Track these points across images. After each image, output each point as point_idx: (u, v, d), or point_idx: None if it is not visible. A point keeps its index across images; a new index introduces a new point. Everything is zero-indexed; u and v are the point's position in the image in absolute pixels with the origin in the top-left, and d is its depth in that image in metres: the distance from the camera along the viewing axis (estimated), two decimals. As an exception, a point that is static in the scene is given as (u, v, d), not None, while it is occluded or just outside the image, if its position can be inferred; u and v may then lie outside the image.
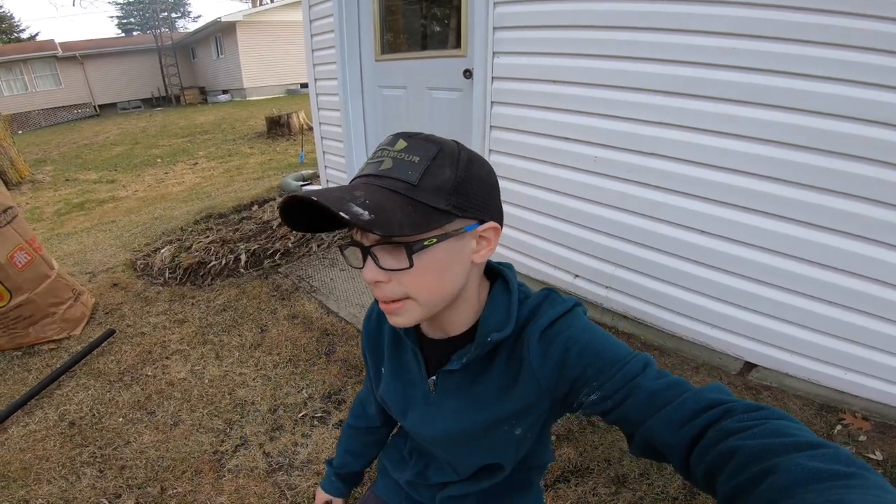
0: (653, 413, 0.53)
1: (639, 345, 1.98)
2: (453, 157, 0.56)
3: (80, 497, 1.46)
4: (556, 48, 1.94)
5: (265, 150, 7.94)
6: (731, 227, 1.67)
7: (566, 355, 0.59)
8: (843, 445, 1.40)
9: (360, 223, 0.48)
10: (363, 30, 3.04)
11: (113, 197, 5.95)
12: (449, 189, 0.55)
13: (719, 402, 0.51)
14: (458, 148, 0.58)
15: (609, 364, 0.57)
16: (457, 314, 0.65)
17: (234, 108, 14.36)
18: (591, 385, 0.57)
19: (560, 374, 0.60)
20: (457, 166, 0.56)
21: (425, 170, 0.54)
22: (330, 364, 2.00)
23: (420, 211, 0.53)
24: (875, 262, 1.44)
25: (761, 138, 1.54)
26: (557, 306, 0.63)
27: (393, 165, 0.55)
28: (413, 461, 0.86)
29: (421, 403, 0.74)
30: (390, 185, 0.54)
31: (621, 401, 0.55)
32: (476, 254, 0.60)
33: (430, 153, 0.55)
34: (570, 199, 2.07)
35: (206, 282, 2.85)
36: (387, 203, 0.52)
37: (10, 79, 18.67)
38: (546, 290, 0.66)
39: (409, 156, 0.55)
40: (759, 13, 1.45)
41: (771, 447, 0.40)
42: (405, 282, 0.56)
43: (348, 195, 0.51)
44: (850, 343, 1.54)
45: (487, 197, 0.59)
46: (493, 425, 0.68)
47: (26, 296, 2.21)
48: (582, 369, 0.58)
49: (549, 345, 0.60)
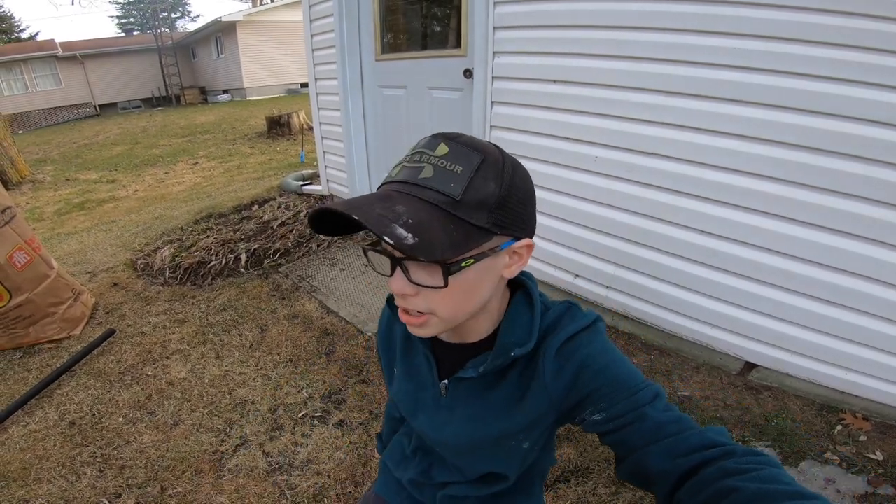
0: (653, 442, 0.54)
1: (639, 344, 1.98)
2: (497, 169, 0.53)
3: (80, 497, 1.46)
4: (557, 48, 1.94)
5: (265, 149, 7.95)
6: (731, 227, 1.67)
7: (580, 373, 0.58)
8: (842, 445, 1.39)
9: (404, 248, 0.46)
10: (363, 29, 3.04)
11: (113, 197, 5.95)
12: (492, 205, 0.52)
13: (720, 444, 0.51)
14: (501, 157, 0.55)
15: (621, 389, 0.57)
16: (476, 323, 0.64)
17: (235, 108, 14.36)
18: (598, 406, 0.57)
19: (570, 390, 0.59)
20: (501, 179, 0.53)
21: (469, 183, 0.51)
22: (330, 364, 2.00)
23: (461, 230, 0.50)
24: (875, 262, 1.44)
25: (761, 138, 1.54)
26: (578, 321, 0.61)
27: (434, 175, 0.51)
28: (417, 460, 0.85)
29: (431, 407, 0.73)
30: (432, 198, 0.50)
31: (624, 426, 0.55)
32: (507, 269, 0.58)
33: (473, 163, 0.52)
34: (571, 199, 2.07)
35: (206, 281, 2.85)
36: (429, 222, 0.49)
37: (11, 79, 18.68)
38: (567, 303, 0.65)
39: (452, 164, 0.51)
40: (759, 13, 1.45)
41: (766, 492, 0.42)
42: (433, 299, 0.54)
43: (390, 213, 0.48)
44: (851, 343, 1.54)
45: (526, 212, 0.57)
46: (501, 438, 0.68)
47: (26, 296, 2.21)
48: (593, 389, 0.58)
49: (565, 360, 0.59)
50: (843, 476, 1.34)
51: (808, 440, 1.47)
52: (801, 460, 1.40)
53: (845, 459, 1.38)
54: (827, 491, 1.30)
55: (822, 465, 1.38)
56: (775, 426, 1.53)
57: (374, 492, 0.94)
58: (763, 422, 1.55)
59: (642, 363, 1.88)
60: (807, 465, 1.38)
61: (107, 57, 20.14)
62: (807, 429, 1.51)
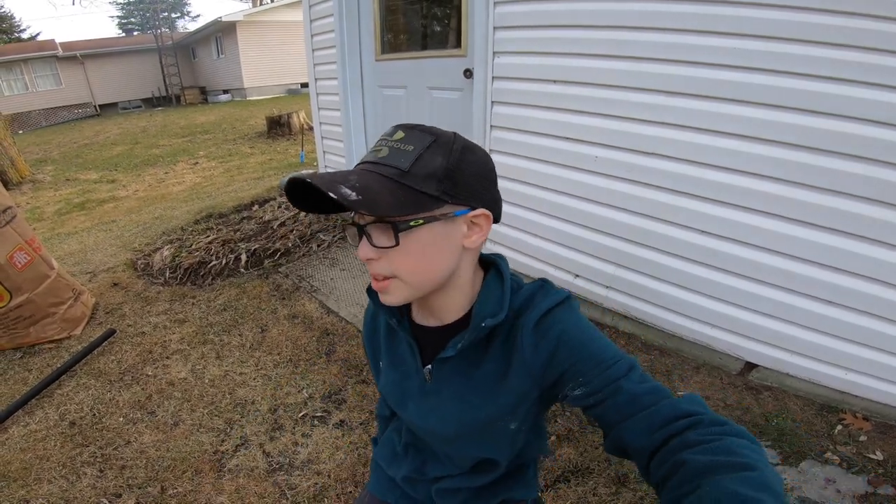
0: (629, 416, 0.57)
1: (639, 344, 1.98)
2: (447, 147, 0.59)
3: (81, 497, 1.46)
4: (557, 48, 1.94)
5: (265, 149, 7.95)
6: (731, 227, 1.67)
7: (558, 348, 0.62)
8: (843, 445, 1.39)
9: (347, 202, 0.52)
10: (363, 29, 3.04)
11: (113, 197, 5.96)
12: (440, 175, 0.58)
13: (691, 414, 0.55)
14: (454, 138, 0.61)
15: (597, 363, 0.60)
16: (450, 300, 0.67)
17: (235, 108, 14.37)
18: (578, 380, 0.60)
19: (549, 365, 0.62)
20: (449, 155, 0.59)
21: (417, 158, 0.57)
22: (330, 364, 2.00)
23: (408, 194, 0.56)
24: (875, 261, 1.44)
25: (761, 138, 1.54)
26: (551, 297, 0.65)
27: (388, 154, 0.58)
28: (409, 457, 0.86)
29: (417, 394, 0.75)
30: (383, 171, 0.57)
31: (603, 399, 0.59)
32: (467, 239, 0.62)
33: (424, 143, 0.58)
34: (571, 199, 2.07)
35: (206, 281, 2.85)
36: (375, 186, 0.55)
37: (11, 79, 18.68)
38: (541, 281, 0.68)
39: (405, 145, 0.59)
40: (760, 13, 1.45)
41: (714, 464, 0.45)
42: (394, 260, 0.59)
43: (341, 178, 0.55)
44: (851, 343, 1.54)
45: (480, 185, 0.62)
46: (489, 421, 0.70)
47: (26, 296, 2.21)
48: (571, 364, 0.61)
49: (542, 336, 0.63)
50: (843, 476, 1.34)
51: (809, 440, 1.47)
52: (802, 460, 1.40)
53: (845, 459, 1.38)
54: (827, 491, 1.30)
55: (822, 465, 1.38)
56: (775, 426, 1.53)
57: (368, 491, 0.94)
58: (763, 422, 1.55)
59: (643, 363, 1.88)
60: (807, 465, 1.38)
61: (107, 57, 20.14)
62: (807, 429, 1.51)
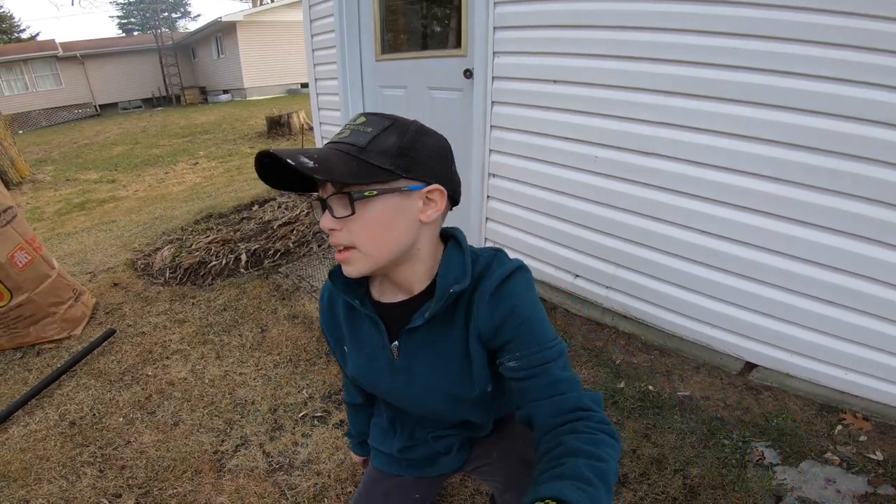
0: (545, 398, 0.66)
1: (639, 344, 1.98)
2: (403, 128, 0.65)
3: (81, 497, 1.46)
4: (557, 48, 1.94)
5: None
6: (731, 227, 1.67)
7: (507, 320, 0.67)
8: (843, 445, 1.40)
9: (304, 168, 0.56)
10: (363, 29, 3.04)
11: (113, 197, 5.96)
12: (394, 152, 0.62)
13: (588, 409, 0.64)
14: (411, 123, 0.66)
15: (537, 343, 0.67)
16: (412, 273, 0.71)
17: (235, 108, 14.36)
18: (516, 354, 0.68)
19: (496, 333, 0.69)
20: (404, 135, 0.64)
21: (374, 137, 0.62)
22: (330, 364, 2.00)
23: (364, 167, 0.61)
24: (875, 262, 1.44)
25: (761, 138, 1.54)
26: (504, 266, 0.70)
27: (349, 134, 0.64)
28: (399, 430, 0.91)
29: (387, 371, 0.77)
30: (342, 147, 0.62)
31: (531, 377, 0.67)
32: (423, 213, 0.66)
33: (382, 125, 0.64)
34: (571, 199, 2.07)
35: (206, 282, 2.85)
36: (333, 158, 0.60)
37: (11, 79, 18.68)
38: (494, 250, 0.74)
39: (365, 127, 0.64)
40: (760, 13, 1.45)
41: (580, 450, 0.58)
42: (353, 230, 0.63)
43: (303, 151, 0.59)
44: (851, 343, 1.54)
45: (434, 163, 0.66)
46: (460, 390, 0.75)
47: (27, 295, 2.21)
48: (514, 336, 0.68)
49: (496, 306, 0.68)
50: (843, 476, 1.34)
51: (809, 440, 1.47)
52: (802, 460, 1.40)
53: (845, 459, 1.38)
54: (827, 491, 1.30)
55: (822, 465, 1.38)
56: (775, 426, 1.53)
57: (373, 467, 0.97)
58: (763, 422, 1.55)
59: (642, 363, 1.88)
60: (807, 465, 1.38)
61: (107, 57, 20.13)
62: (807, 429, 1.51)
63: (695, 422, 1.57)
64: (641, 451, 1.47)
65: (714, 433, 1.52)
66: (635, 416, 1.61)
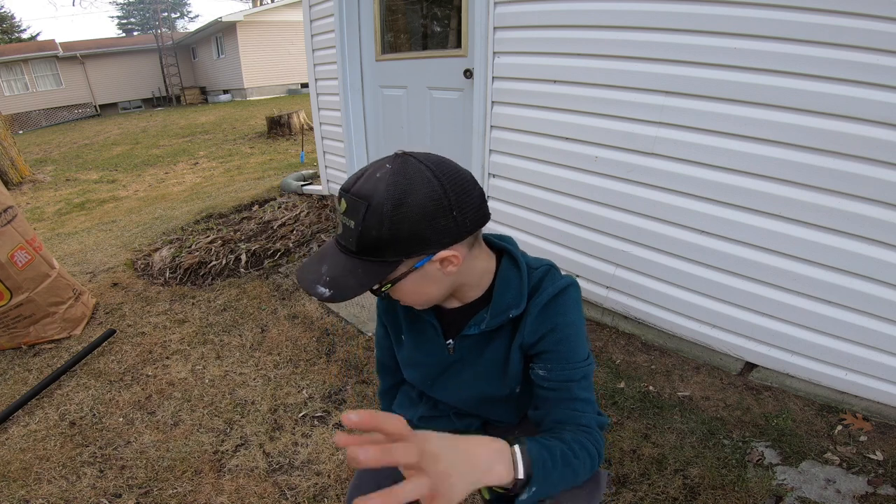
0: (559, 410, 0.73)
1: (639, 345, 1.98)
2: (379, 214, 0.61)
3: (81, 497, 1.46)
4: (557, 48, 1.94)
5: (266, 149, 7.94)
6: (731, 227, 1.67)
7: (549, 334, 0.73)
8: (843, 446, 1.39)
9: (323, 300, 0.63)
10: (364, 29, 3.04)
11: (113, 197, 5.95)
12: (382, 246, 0.62)
13: (590, 427, 0.71)
14: (385, 195, 0.61)
15: (566, 359, 0.73)
16: (468, 292, 0.76)
17: (235, 108, 14.36)
18: (546, 366, 0.73)
19: (537, 343, 0.74)
20: (381, 223, 0.61)
21: (359, 235, 0.62)
22: (330, 364, 2.00)
23: (369, 270, 0.64)
24: (875, 262, 1.44)
25: (761, 138, 1.54)
26: (556, 283, 0.74)
27: (342, 232, 0.65)
28: (424, 402, 0.96)
29: (438, 366, 0.84)
30: (344, 250, 0.66)
31: (554, 388, 0.73)
32: (445, 271, 0.67)
33: (360, 213, 0.62)
34: (571, 199, 2.07)
35: (206, 282, 2.85)
36: (342, 274, 0.64)
37: (11, 79, 18.68)
38: (548, 264, 0.78)
39: (349, 219, 0.63)
40: (760, 13, 1.45)
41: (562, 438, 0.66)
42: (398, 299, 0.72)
43: (315, 276, 0.66)
44: (851, 343, 1.54)
45: (427, 229, 0.62)
46: (490, 391, 0.82)
47: (27, 295, 2.21)
48: (549, 350, 0.73)
49: (543, 321, 0.73)
50: (843, 476, 1.34)
51: (809, 440, 1.46)
52: (802, 460, 1.40)
53: (845, 460, 1.38)
54: (827, 491, 1.30)
55: (822, 466, 1.38)
56: (775, 426, 1.53)
57: None
58: (763, 422, 1.55)
59: (642, 363, 1.88)
60: (807, 465, 1.38)
61: (107, 57, 20.13)
62: (807, 429, 1.51)
63: (695, 422, 1.57)
64: (641, 451, 1.47)
65: (714, 433, 1.52)
66: (635, 416, 1.61)
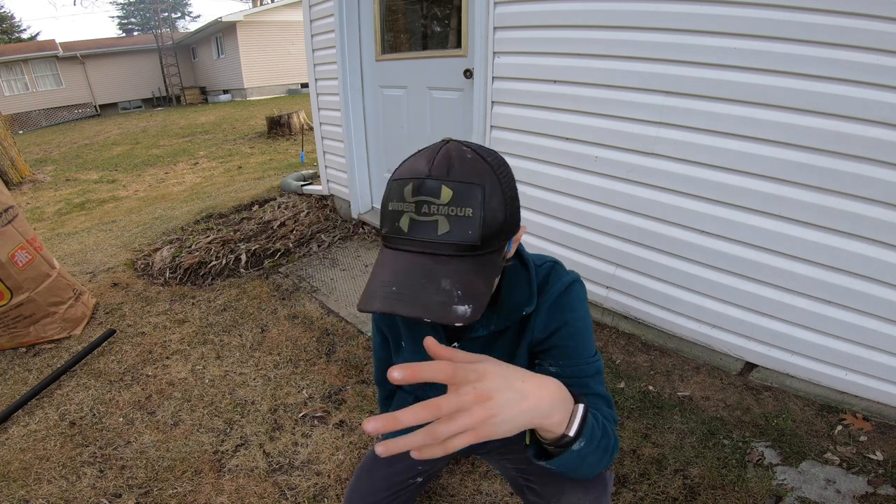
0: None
1: (639, 345, 1.98)
2: (499, 193, 0.56)
3: (81, 497, 1.46)
4: (557, 48, 1.94)
5: (266, 149, 7.94)
6: (731, 227, 1.67)
7: (558, 330, 0.73)
8: (843, 446, 1.39)
9: (467, 321, 0.52)
10: (364, 29, 3.04)
11: (113, 197, 5.95)
12: (502, 229, 0.57)
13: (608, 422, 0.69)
14: (495, 175, 0.57)
15: (577, 355, 0.72)
16: None
17: (235, 108, 14.36)
18: (558, 363, 0.73)
19: (546, 339, 0.74)
20: (505, 202, 0.56)
21: (482, 223, 0.54)
22: (330, 364, 2.00)
23: (488, 264, 0.57)
24: (875, 262, 1.44)
25: (761, 138, 1.54)
26: (562, 279, 0.74)
27: (451, 228, 0.54)
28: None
29: None
30: (460, 250, 0.54)
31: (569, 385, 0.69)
32: (508, 253, 0.65)
33: (478, 198, 0.54)
34: (571, 199, 2.07)
35: (206, 282, 2.85)
36: (471, 281, 0.54)
37: (11, 79, 18.67)
38: (552, 261, 0.77)
39: (462, 209, 0.54)
40: (760, 13, 1.45)
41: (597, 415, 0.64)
42: None
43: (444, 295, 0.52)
44: (851, 343, 1.54)
45: (518, 208, 0.62)
46: None
47: (27, 295, 2.21)
48: (559, 346, 0.73)
49: (552, 317, 0.73)
50: (843, 476, 1.34)
51: (809, 440, 1.46)
52: (802, 460, 1.40)
53: (845, 460, 1.38)
54: (827, 491, 1.30)
55: (822, 466, 1.38)
56: (775, 426, 1.53)
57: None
58: (763, 422, 1.55)
59: (642, 363, 1.88)
60: (807, 465, 1.38)
61: (107, 57, 20.13)
62: (807, 429, 1.51)
63: (695, 422, 1.57)
64: (641, 451, 1.47)
65: (714, 433, 1.52)
66: (635, 416, 1.61)
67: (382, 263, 0.58)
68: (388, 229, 0.58)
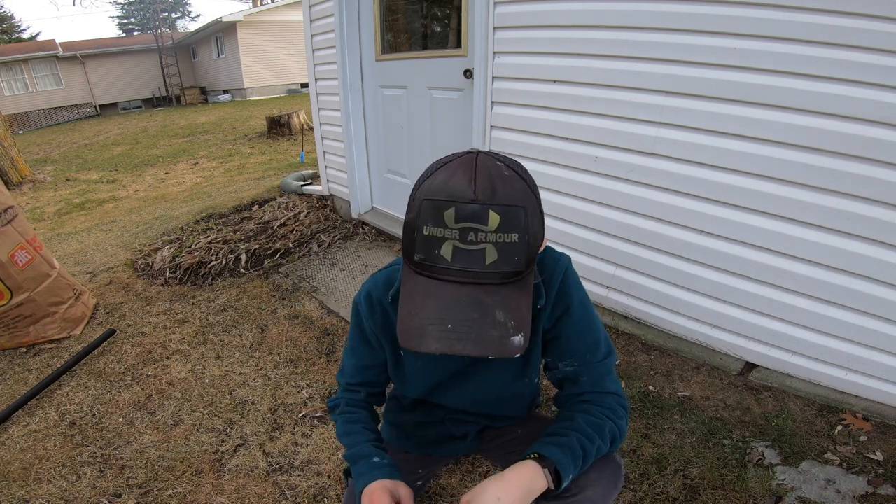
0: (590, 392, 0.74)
1: (639, 345, 1.98)
2: (537, 211, 0.56)
3: (81, 497, 1.46)
4: (557, 48, 1.94)
5: (266, 149, 7.94)
6: (731, 227, 1.67)
7: (562, 318, 0.74)
8: (843, 446, 1.40)
9: (522, 351, 0.53)
10: (364, 29, 3.04)
11: (113, 197, 5.95)
12: (539, 244, 0.58)
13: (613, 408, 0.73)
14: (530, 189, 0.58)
15: (586, 349, 0.74)
16: None
17: (235, 108, 14.36)
18: (573, 364, 0.74)
19: (552, 328, 0.75)
20: (541, 221, 0.58)
21: (528, 247, 0.54)
22: (330, 364, 2.00)
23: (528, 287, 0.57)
24: (875, 262, 1.44)
25: (761, 138, 1.53)
26: (559, 263, 0.75)
27: (499, 257, 0.52)
28: (419, 408, 0.92)
29: (454, 373, 0.81)
30: (506, 278, 0.53)
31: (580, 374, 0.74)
32: None
33: (522, 222, 0.53)
34: (571, 199, 2.07)
35: (206, 282, 2.85)
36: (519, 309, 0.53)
37: (11, 79, 18.67)
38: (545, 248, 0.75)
39: (508, 234, 0.52)
40: (759, 13, 1.45)
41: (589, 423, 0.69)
42: None
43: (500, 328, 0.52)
44: (851, 343, 1.54)
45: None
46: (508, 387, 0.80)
47: (27, 295, 2.21)
48: (567, 336, 0.74)
49: (557, 303, 0.74)
50: (843, 476, 1.34)
51: (809, 440, 1.46)
52: (802, 460, 1.40)
53: (845, 460, 1.38)
54: (827, 491, 1.30)
55: (822, 466, 1.38)
56: (775, 426, 1.53)
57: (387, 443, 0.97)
58: (763, 422, 1.55)
59: (642, 363, 1.88)
60: (807, 465, 1.38)
61: (107, 57, 20.13)
62: (807, 429, 1.51)
63: (695, 422, 1.57)
64: (641, 451, 1.47)
65: (714, 433, 1.52)
66: (635, 416, 1.61)
67: (421, 293, 0.53)
68: (423, 256, 0.54)
